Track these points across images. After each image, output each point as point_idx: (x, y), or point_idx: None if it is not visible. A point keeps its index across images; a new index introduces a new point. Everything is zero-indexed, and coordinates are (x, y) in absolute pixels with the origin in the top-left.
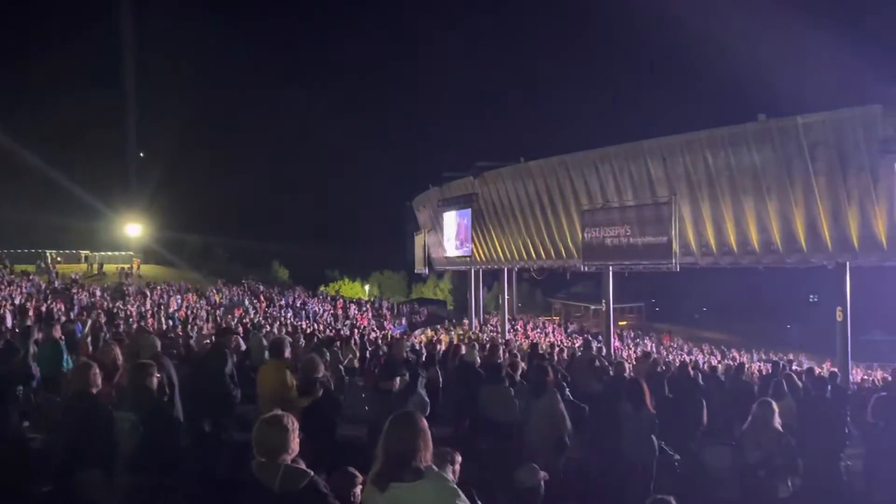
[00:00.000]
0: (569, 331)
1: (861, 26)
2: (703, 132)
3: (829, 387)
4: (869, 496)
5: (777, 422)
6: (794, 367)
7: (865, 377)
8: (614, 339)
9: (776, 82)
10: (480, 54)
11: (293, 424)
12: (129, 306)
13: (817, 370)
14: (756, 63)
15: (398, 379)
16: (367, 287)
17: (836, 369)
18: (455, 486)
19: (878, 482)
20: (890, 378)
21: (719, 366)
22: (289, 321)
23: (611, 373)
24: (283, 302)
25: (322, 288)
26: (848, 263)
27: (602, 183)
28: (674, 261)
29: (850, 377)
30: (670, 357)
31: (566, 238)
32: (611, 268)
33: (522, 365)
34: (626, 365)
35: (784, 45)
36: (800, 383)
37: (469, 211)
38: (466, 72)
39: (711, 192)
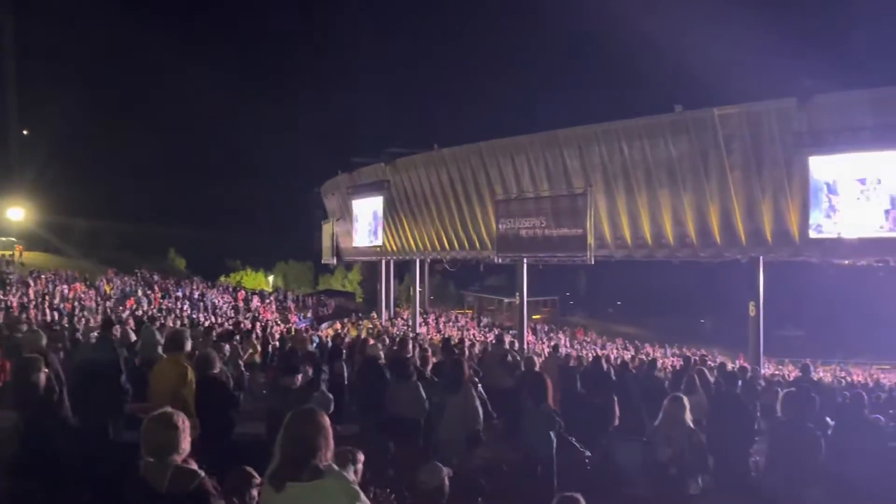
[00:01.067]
0: (482, 325)
1: (779, 18)
2: (619, 122)
3: (740, 382)
4: (773, 491)
5: (688, 418)
6: (707, 363)
7: (777, 372)
8: (528, 333)
9: (694, 73)
10: (394, 37)
11: (184, 423)
12: (10, 296)
13: (729, 365)
14: (674, 53)
15: (299, 375)
16: (270, 278)
17: (746, 364)
18: (356, 487)
19: (776, 478)
20: (801, 374)
21: (632, 361)
22: (185, 313)
23: (522, 368)
24: (179, 293)
25: (222, 278)
26: (761, 258)
27: (517, 172)
28: (589, 253)
29: (762, 372)
30: (584, 352)
31: (480, 229)
32: (525, 260)
33: (433, 360)
34: (537, 360)
35: (702, 36)
36: (711, 378)
37: (380, 199)
38: (378, 54)
39: (627, 184)
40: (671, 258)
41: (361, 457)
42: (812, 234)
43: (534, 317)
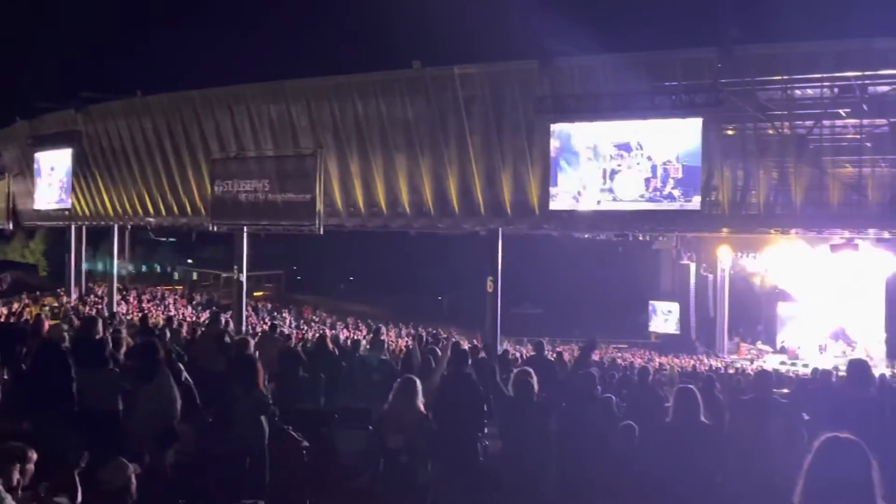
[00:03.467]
0: (195, 303)
1: None
2: (353, 76)
3: (470, 361)
4: (503, 474)
5: (420, 401)
6: (441, 342)
7: (514, 351)
8: (248, 311)
9: (434, 26)
10: None
11: None
12: None
13: (465, 344)
14: (414, 3)
15: None
16: None
17: (480, 343)
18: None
19: (506, 461)
20: (535, 352)
21: (363, 341)
22: None
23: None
24: None
25: None
26: (500, 230)
27: (237, 128)
28: (318, 222)
29: (499, 351)
30: (310, 332)
31: (192, 192)
32: (245, 229)
33: (129, 342)
34: (251, 341)
35: None
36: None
37: (69, 153)
38: None
39: (361, 146)
40: (407, 229)
41: (33, 455)
42: (556, 205)
43: (255, 294)
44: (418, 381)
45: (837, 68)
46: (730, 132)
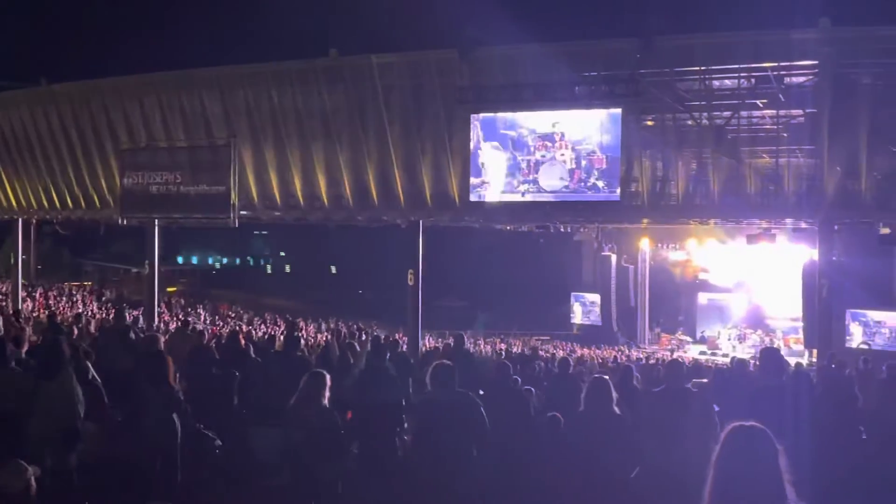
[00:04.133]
0: (104, 299)
1: None
2: (268, 65)
3: (389, 355)
4: (421, 470)
5: (326, 396)
6: (361, 337)
7: (437, 345)
8: (161, 307)
9: (352, 14)
10: None
11: None
12: None
13: (386, 338)
14: None
15: None
16: None
17: (405, 337)
18: None
19: (424, 456)
20: (453, 344)
21: (280, 336)
22: None
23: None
24: None
25: None
26: (421, 222)
27: (147, 118)
28: (232, 215)
29: (421, 346)
30: (226, 329)
31: (100, 184)
32: (157, 222)
33: (32, 339)
34: (161, 337)
35: None
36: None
37: None
38: None
39: (276, 136)
40: (326, 221)
41: None
42: (477, 197)
43: (169, 289)
44: (327, 376)
45: (755, 59)
46: (649, 123)
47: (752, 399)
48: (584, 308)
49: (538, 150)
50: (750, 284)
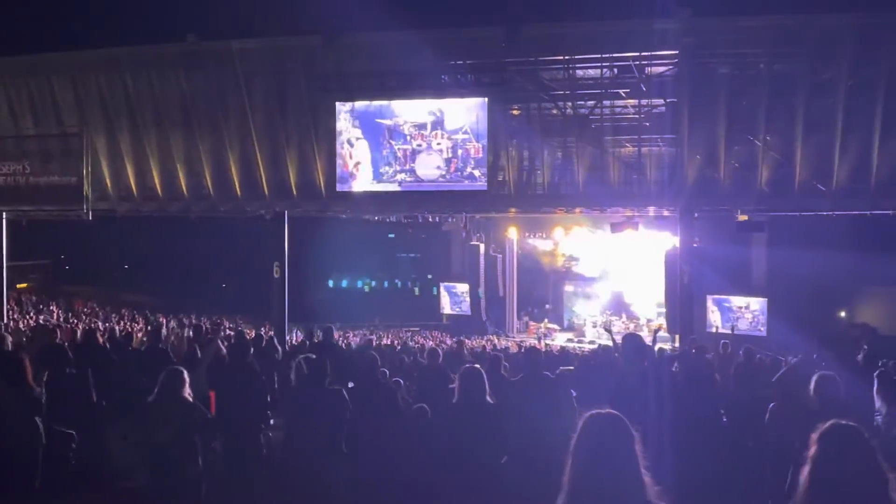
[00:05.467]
0: None
1: None
2: (123, 49)
3: (252, 350)
4: (289, 466)
5: (188, 392)
6: (225, 331)
7: (305, 339)
8: (10, 305)
9: None
10: None
11: None
12: None
13: (250, 333)
14: None
15: None
16: None
17: (270, 332)
18: None
19: (293, 451)
20: (321, 338)
21: (138, 333)
22: None
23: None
24: None
25: None
26: (287, 213)
27: None
28: (86, 207)
29: (288, 339)
30: (81, 325)
31: None
32: (4, 214)
33: None
34: (8, 337)
35: None
36: (223, 348)
37: None
38: None
39: (132, 124)
40: (186, 213)
41: None
42: (345, 187)
43: (18, 286)
44: (184, 372)
45: (617, 49)
46: (515, 112)
47: (615, 385)
48: (453, 298)
49: (415, 139)
50: (616, 272)
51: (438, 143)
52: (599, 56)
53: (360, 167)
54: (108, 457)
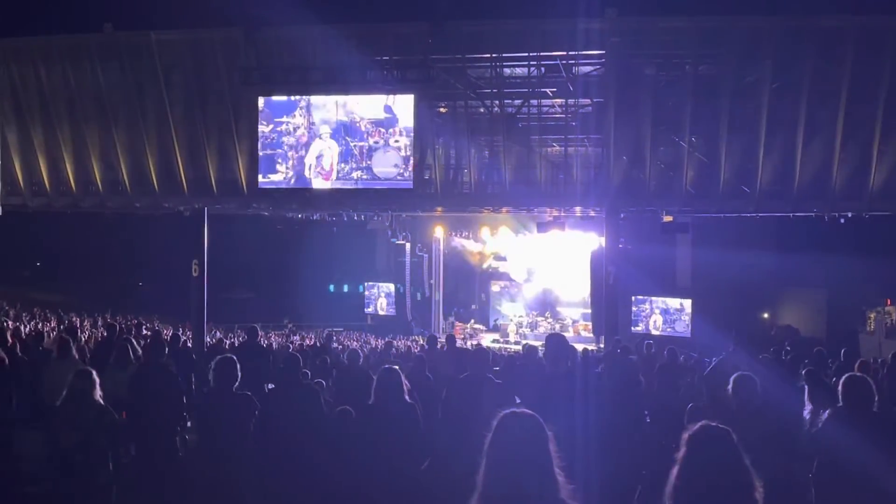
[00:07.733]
0: None
1: None
2: (35, 39)
3: (168, 351)
4: (201, 471)
5: (98, 395)
6: (142, 332)
7: (226, 339)
8: None
9: None
10: None
11: None
12: None
13: (168, 333)
14: None
15: None
16: None
17: (189, 332)
18: None
19: (202, 455)
20: (247, 338)
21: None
22: None
23: None
24: None
25: None
26: (206, 210)
27: None
28: None
29: (207, 340)
30: None
31: None
32: None
33: None
34: None
35: None
36: (139, 349)
37: None
38: None
39: (45, 117)
40: (101, 209)
41: None
42: (271, 183)
43: None
44: (94, 373)
45: (544, 48)
46: (442, 110)
47: (539, 386)
48: (378, 298)
49: (371, 136)
50: (542, 272)
51: (396, 141)
52: (527, 55)
53: (291, 163)
54: (15, 461)
